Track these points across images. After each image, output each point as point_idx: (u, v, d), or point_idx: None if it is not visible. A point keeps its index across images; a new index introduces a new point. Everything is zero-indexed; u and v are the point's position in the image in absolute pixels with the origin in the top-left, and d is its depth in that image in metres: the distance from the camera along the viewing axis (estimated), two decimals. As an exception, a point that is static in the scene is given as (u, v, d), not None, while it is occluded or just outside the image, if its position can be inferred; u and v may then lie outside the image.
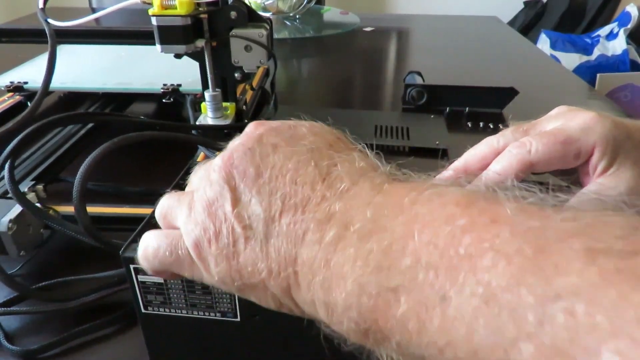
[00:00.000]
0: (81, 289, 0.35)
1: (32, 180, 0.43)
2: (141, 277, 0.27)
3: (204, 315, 0.28)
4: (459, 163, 0.33)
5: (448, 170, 0.33)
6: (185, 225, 0.22)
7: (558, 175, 0.35)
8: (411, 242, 0.17)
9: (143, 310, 0.28)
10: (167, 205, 0.24)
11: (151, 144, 0.39)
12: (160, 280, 0.27)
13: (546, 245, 0.15)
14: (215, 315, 0.28)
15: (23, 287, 0.33)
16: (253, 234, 0.21)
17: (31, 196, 0.39)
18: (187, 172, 0.34)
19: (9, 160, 0.35)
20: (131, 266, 0.26)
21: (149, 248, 0.23)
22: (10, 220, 0.35)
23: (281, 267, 0.20)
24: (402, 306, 0.17)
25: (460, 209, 0.17)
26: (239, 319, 0.28)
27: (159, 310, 0.28)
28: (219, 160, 0.22)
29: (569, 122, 0.31)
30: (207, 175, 0.23)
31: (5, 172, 0.35)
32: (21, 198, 0.34)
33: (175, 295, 0.27)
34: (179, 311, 0.28)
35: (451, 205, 0.17)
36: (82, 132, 0.53)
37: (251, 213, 0.21)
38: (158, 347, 0.30)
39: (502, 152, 0.31)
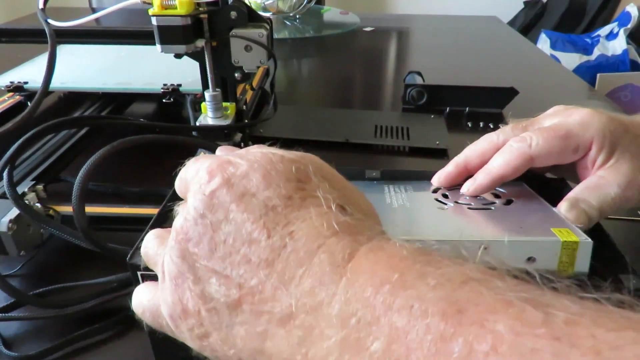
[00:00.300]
0: (80, 295, 0.34)
1: (32, 180, 0.43)
2: None
3: None
4: (459, 159, 0.34)
5: (449, 165, 0.34)
6: (161, 296, 0.22)
7: (555, 171, 0.35)
8: None
9: None
10: (148, 251, 0.24)
11: (150, 145, 0.39)
12: None
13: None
14: None
15: (20, 294, 0.32)
16: (218, 319, 0.20)
17: (31, 196, 0.39)
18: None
19: (7, 169, 0.35)
20: (138, 273, 0.26)
21: (137, 308, 0.24)
22: (10, 221, 0.35)
23: (250, 357, 0.20)
24: None
25: (450, 326, 0.15)
26: None
27: None
28: (173, 233, 0.21)
29: (567, 118, 0.31)
30: (172, 236, 0.21)
31: (5, 180, 0.35)
32: (20, 204, 0.34)
33: None
34: None
35: (437, 319, 0.15)
36: (83, 132, 0.53)
37: (214, 294, 0.20)
38: (166, 355, 0.30)
39: (502, 147, 0.32)
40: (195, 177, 0.22)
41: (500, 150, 0.31)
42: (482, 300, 0.15)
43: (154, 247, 0.24)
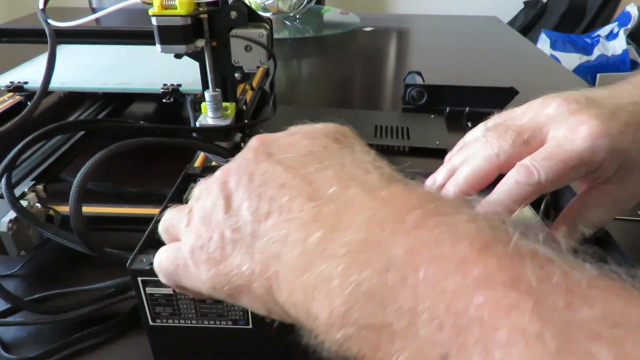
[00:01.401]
0: (78, 300, 0.34)
1: (32, 180, 0.43)
2: (149, 289, 0.27)
3: (215, 324, 0.28)
4: (458, 187, 0.30)
5: (449, 192, 0.31)
6: (184, 235, 0.23)
7: None
8: (412, 276, 0.15)
9: (151, 323, 0.28)
10: (169, 219, 0.25)
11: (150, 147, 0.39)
12: (169, 291, 0.26)
13: (570, 343, 0.13)
14: (227, 324, 0.27)
15: (17, 300, 0.32)
16: (241, 237, 0.21)
17: (31, 196, 0.39)
18: (185, 178, 0.34)
19: (5, 176, 0.35)
20: (138, 278, 0.26)
21: (156, 262, 0.24)
22: (10, 221, 0.35)
23: (264, 268, 0.20)
24: (396, 352, 0.15)
25: (475, 253, 0.15)
26: (250, 326, 0.28)
27: (167, 322, 0.28)
28: (219, 171, 0.23)
29: (574, 136, 0.28)
30: (207, 186, 0.23)
31: (3, 187, 0.35)
32: (19, 208, 0.34)
33: (184, 306, 0.27)
34: (189, 321, 0.28)
35: (464, 245, 0.15)
36: (82, 132, 0.53)
37: (241, 217, 0.21)
38: (165, 355, 0.30)
39: (504, 167, 0.29)
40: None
41: (505, 185, 0.28)
42: (509, 243, 0.15)
43: (174, 211, 0.25)
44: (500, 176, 0.29)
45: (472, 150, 0.31)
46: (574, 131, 0.28)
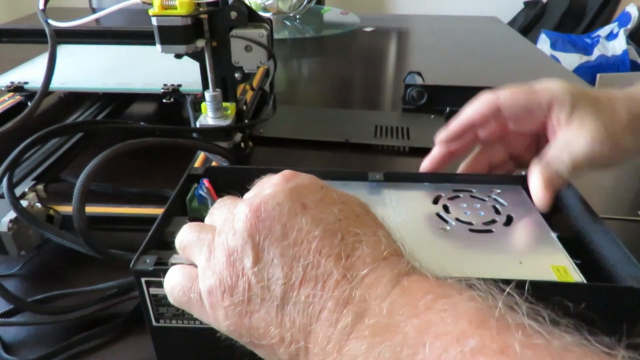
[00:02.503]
0: (80, 300, 0.34)
1: (32, 180, 0.43)
2: (152, 290, 0.26)
3: None
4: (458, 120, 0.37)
5: (454, 124, 0.37)
6: (204, 271, 0.22)
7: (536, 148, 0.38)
8: (421, 352, 0.17)
9: (154, 324, 0.28)
10: (187, 240, 0.24)
11: (151, 147, 0.39)
12: None
13: None
14: None
15: (19, 301, 0.32)
16: (270, 297, 0.20)
17: (31, 196, 0.39)
18: (188, 179, 0.34)
19: (6, 177, 0.35)
20: (142, 279, 0.26)
21: (168, 283, 0.24)
22: (11, 221, 0.35)
23: (293, 338, 0.20)
24: None
25: (472, 328, 0.17)
26: None
27: (170, 323, 0.28)
28: (245, 208, 0.22)
29: (532, 83, 0.36)
30: (231, 219, 0.22)
31: (4, 188, 0.35)
32: (20, 210, 0.34)
33: None
34: (192, 322, 0.28)
35: (464, 321, 0.17)
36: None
37: (271, 275, 0.21)
38: (169, 356, 0.30)
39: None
40: (264, 182, 0.24)
41: (472, 101, 0.36)
42: (501, 318, 0.18)
43: (194, 232, 0.24)
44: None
45: None
46: (533, 83, 0.36)
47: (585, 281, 0.26)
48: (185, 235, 0.24)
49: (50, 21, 0.43)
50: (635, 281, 0.25)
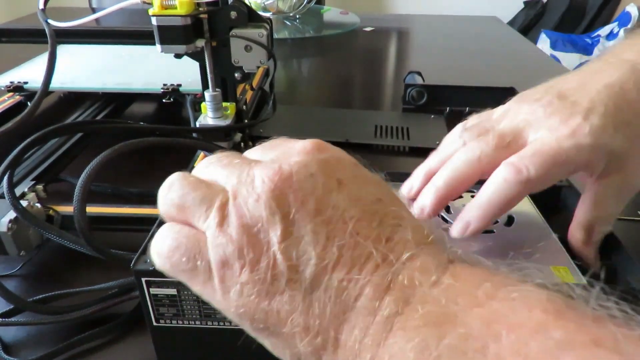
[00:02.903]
0: (80, 300, 0.34)
1: (32, 180, 0.43)
2: (153, 290, 0.26)
3: (219, 325, 0.27)
4: (440, 192, 0.29)
5: (429, 195, 0.30)
6: (215, 237, 0.19)
7: None
8: (493, 345, 0.15)
9: (155, 324, 0.28)
10: (187, 197, 0.20)
11: (152, 147, 0.39)
12: (173, 292, 0.26)
13: None
14: (231, 325, 0.27)
15: (20, 301, 0.32)
16: (298, 278, 0.18)
17: (31, 196, 0.39)
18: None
19: (6, 177, 0.35)
20: (143, 279, 0.26)
21: (164, 244, 0.20)
22: (10, 221, 0.35)
23: (322, 328, 0.18)
24: None
25: (552, 318, 0.15)
26: None
27: (171, 323, 0.28)
28: (271, 172, 0.19)
29: (557, 135, 0.28)
30: (249, 180, 0.19)
31: (5, 188, 0.35)
32: (21, 211, 0.34)
33: (188, 307, 0.27)
34: (193, 322, 0.27)
35: (538, 311, 0.15)
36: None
37: (302, 253, 0.18)
38: (170, 357, 0.30)
39: (485, 170, 0.28)
40: (286, 145, 0.21)
41: (493, 184, 0.27)
42: (582, 309, 0.15)
43: (196, 189, 0.20)
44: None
45: (450, 152, 0.31)
46: (556, 131, 0.28)
47: (585, 282, 0.26)
48: (182, 191, 0.20)
49: (50, 21, 0.43)
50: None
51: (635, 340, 0.14)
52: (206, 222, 0.19)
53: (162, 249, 0.20)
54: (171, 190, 0.21)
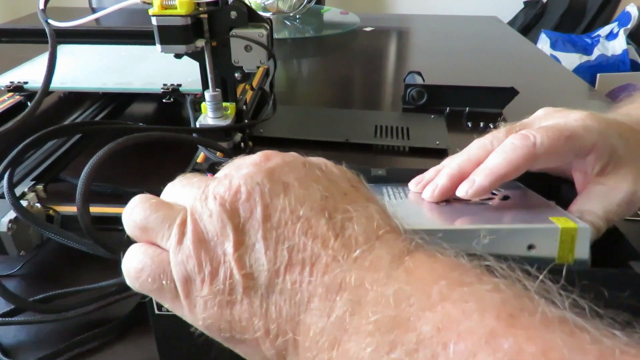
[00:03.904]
0: (80, 299, 0.34)
1: (32, 180, 0.43)
2: None
3: None
4: (453, 170, 0.31)
5: (443, 177, 0.31)
6: (176, 254, 0.20)
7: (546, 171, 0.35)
8: (442, 354, 0.15)
9: (156, 312, 0.28)
10: (149, 218, 0.21)
11: (150, 144, 0.39)
12: None
13: None
14: None
15: (20, 300, 0.32)
16: (253, 285, 0.18)
17: (31, 196, 0.39)
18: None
19: (6, 177, 0.35)
20: None
21: (131, 266, 0.21)
22: (10, 221, 0.35)
23: (280, 330, 0.18)
24: None
25: (503, 325, 0.15)
26: None
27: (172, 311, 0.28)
28: (221, 188, 0.20)
29: (567, 118, 0.30)
30: (204, 199, 0.20)
31: (5, 188, 0.35)
32: (21, 210, 0.34)
33: None
34: None
35: (491, 317, 0.15)
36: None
37: (254, 261, 0.19)
38: (169, 348, 0.30)
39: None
40: (239, 162, 0.22)
41: (501, 148, 0.29)
42: (536, 312, 0.15)
43: (157, 210, 0.21)
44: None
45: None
46: (565, 117, 0.31)
47: (587, 226, 0.26)
48: (144, 213, 0.21)
49: (50, 21, 0.43)
50: None
51: (584, 346, 0.14)
52: (169, 240, 0.20)
53: (129, 271, 0.21)
54: (133, 213, 0.22)
